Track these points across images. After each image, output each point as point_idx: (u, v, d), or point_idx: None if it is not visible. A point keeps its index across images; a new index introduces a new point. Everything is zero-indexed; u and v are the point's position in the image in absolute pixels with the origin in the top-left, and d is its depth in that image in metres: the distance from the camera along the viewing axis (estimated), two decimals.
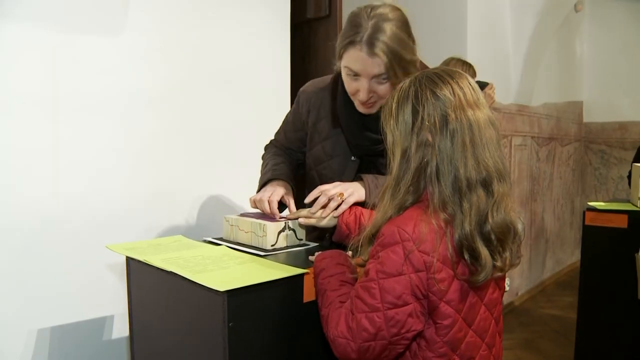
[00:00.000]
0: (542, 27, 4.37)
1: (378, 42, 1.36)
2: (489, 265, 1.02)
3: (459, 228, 1.02)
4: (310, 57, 2.79)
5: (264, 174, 1.67)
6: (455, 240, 1.03)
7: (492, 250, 1.05)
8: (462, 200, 1.04)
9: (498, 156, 1.07)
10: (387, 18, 1.38)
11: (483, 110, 1.09)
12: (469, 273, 1.04)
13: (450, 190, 1.04)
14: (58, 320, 1.75)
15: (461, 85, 1.08)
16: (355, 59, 1.40)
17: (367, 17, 1.38)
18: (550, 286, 5.23)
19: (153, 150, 1.98)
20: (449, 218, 1.04)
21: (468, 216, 1.03)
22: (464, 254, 1.03)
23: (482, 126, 1.06)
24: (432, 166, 1.06)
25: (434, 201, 1.05)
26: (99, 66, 1.82)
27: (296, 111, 1.72)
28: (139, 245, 1.52)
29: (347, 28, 1.42)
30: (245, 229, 1.56)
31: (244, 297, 1.16)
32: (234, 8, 2.25)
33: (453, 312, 1.04)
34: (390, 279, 1.01)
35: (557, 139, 5.41)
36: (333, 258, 1.25)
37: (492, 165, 1.05)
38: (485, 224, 1.04)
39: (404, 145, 1.09)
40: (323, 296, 1.19)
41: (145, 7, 1.94)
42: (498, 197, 1.05)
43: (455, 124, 1.04)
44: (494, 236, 1.04)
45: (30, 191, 1.67)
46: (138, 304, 1.49)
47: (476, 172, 1.04)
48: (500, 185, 1.06)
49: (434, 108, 1.06)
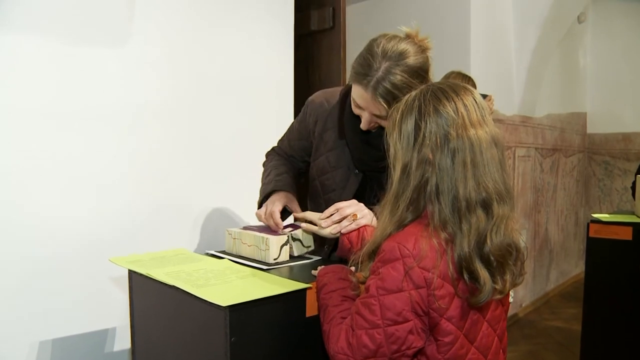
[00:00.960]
0: (545, 39, 4.37)
1: (383, 88, 1.33)
2: (489, 287, 1.01)
3: (458, 248, 1.02)
4: (314, 68, 2.80)
5: (266, 184, 1.67)
6: (455, 260, 1.02)
7: (492, 273, 1.04)
8: (461, 220, 1.03)
9: (499, 177, 1.06)
10: (404, 63, 1.32)
11: (486, 128, 1.07)
12: (469, 293, 1.03)
13: (450, 209, 1.03)
14: (61, 332, 1.74)
15: (466, 102, 1.08)
16: (359, 95, 1.40)
17: (382, 57, 1.33)
18: (555, 298, 5.20)
19: (158, 161, 1.98)
20: (449, 237, 1.04)
21: (467, 237, 1.02)
22: (464, 274, 1.02)
23: (484, 146, 1.05)
24: (431, 184, 1.05)
25: (434, 220, 1.04)
26: (104, 78, 1.83)
27: (303, 120, 1.72)
28: (142, 258, 1.52)
29: (360, 60, 1.38)
30: (248, 243, 1.56)
31: (246, 312, 1.15)
32: (239, 20, 2.26)
33: (454, 329, 1.03)
34: (391, 296, 1.01)
35: (561, 150, 5.40)
36: (335, 273, 1.24)
37: (492, 187, 1.04)
38: (484, 246, 1.02)
39: (404, 160, 1.08)
40: (325, 312, 1.18)
41: (150, 19, 1.96)
42: (498, 219, 1.04)
43: (457, 143, 1.04)
44: (493, 258, 1.03)
45: (35, 204, 1.68)
46: (140, 316, 1.49)
47: (476, 193, 1.03)
48: (500, 207, 1.05)
49: (437, 125, 1.05)
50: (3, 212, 1.61)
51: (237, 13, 2.26)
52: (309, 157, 1.72)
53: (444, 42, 3.68)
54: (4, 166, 1.62)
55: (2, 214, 1.61)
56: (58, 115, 1.72)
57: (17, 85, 1.64)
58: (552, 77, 5.00)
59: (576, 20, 5.18)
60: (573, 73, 5.73)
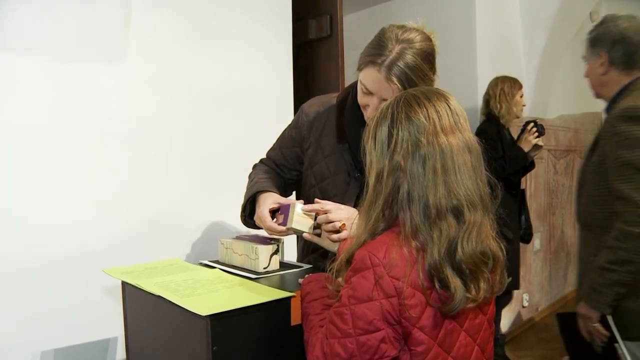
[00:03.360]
0: (555, 39, 4.33)
1: (398, 68, 1.37)
2: (460, 295, 1.01)
3: (429, 256, 1.02)
4: (313, 77, 2.82)
5: (249, 189, 1.66)
6: (425, 269, 1.02)
7: (465, 281, 1.03)
8: (432, 228, 1.03)
9: (472, 184, 1.06)
10: (414, 46, 1.39)
11: (459, 135, 1.08)
12: (440, 301, 1.03)
13: (421, 217, 1.03)
14: (62, 342, 1.77)
15: (438, 108, 1.08)
16: (371, 79, 1.42)
17: (395, 40, 1.39)
18: (572, 301, 5.10)
19: (155, 174, 2.01)
20: (420, 246, 1.04)
21: (437, 244, 1.02)
22: (435, 282, 1.02)
23: (455, 152, 1.05)
24: (403, 192, 1.05)
25: (405, 228, 1.05)
26: (100, 93, 1.87)
27: (296, 126, 1.72)
28: (135, 269, 1.55)
29: (373, 44, 1.43)
30: (239, 252, 1.58)
31: (229, 321, 1.17)
32: (236, 30, 2.29)
33: (427, 338, 1.03)
34: (361, 305, 1.01)
35: (576, 151, 5.33)
36: (319, 282, 1.26)
37: (464, 194, 1.04)
38: (455, 254, 1.02)
39: (378, 167, 1.09)
40: (306, 320, 1.20)
41: (146, 33, 1.99)
42: (469, 226, 1.04)
43: (427, 149, 1.04)
44: (465, 266, 1.03)
45: (33, 216, 1.71)
46: (134, 327, 1.51)
47: (446, 200, 1.03)
48: (471, 213, 1.04)
49: (408, 132, 1.06)
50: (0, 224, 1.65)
51: (234, 24, 2.28)
52: (301, 165, 1.72)
53: (450, 45, 3.66)
54: (1, 179, 1.66)
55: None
56: (54, 130, 1.76)
57: (13, 100, 1.68)
58: (564, 78, 4.94)
59: (587, 20, 5.11)
60: None
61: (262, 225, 1.52)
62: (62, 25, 1.77)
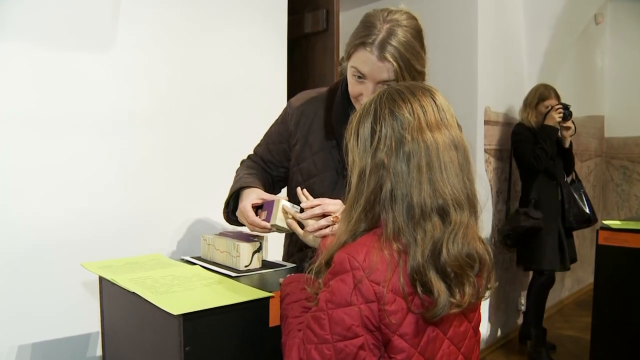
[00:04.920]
0: (559, 40, 4.27)
1: (390, 46, 1.33)
2: (444, 300, 0.96)
3: (412, 259, 0.97)
4: (308, 71, 2.77)
5: (232, 185, 1.61)
6: (407, 272, 0.97)
7: (449, 285, 0.98)
8: (415, 229, 0.98)
9: (458, 182, 1.01)
10: (402, 24, 1.35)
11: (446, 131, 1.03)
12: (422, 307, 0.98)
13: (405, 217, 0.98)
14: (41, 336, 1.73)
15: (423, 104, 1.03)
16: (364, 61, 1.37)
17: (382, 20, 1.36)
18: (569, 306, 5.07)
19: (143, 167, 1.97)
20: (403, 248, 0.98)
21: (421, 246, 0.97)
22: (417, 286, 0.97)
23: (441, 149, 1.00)
24: (386, 190, 1.00)
25: (387, 230, 1.00)
26: (89, 84, 1.82)
27: (284, 121, 1.67)
28: (114, 263, 1.50)
29: (360, 28, 1.39)
30: (221, 249, 1.53)
31: (202, 321, 1.13)
32: (230, 23, 2.24)
33: (407, 346, 0.98)
34: (339, 310, 0.96)
35: (577, 154, 5.25)
36: (299, 283, 1.21)
37: (450, 193, 0.99)
38: (440, 256, 0.97)
39: (360, 166, 1.04)
40: (285, 322, 1.15)
41: (137, 23, 1.94)
42: (455, 227, 0.99)
43: (411, 146, 0.99)
44: (450, 269, 0.98)
45: (19, 209, 1.67)
46: (110, 323, 1.47)
47: (431, 200, 0.98)
48: (457, 214, 0.99)
49: (392, 128, 1.01)
50: None
51: (227, 16, 2.23)
52: (288, 162, 1.67)
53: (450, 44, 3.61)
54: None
55: None
56: (42, 121, 1.71)
57: (1, 91, 1.64)
58: (567, 80, 4.88)
59: (592, 21, 5.06)
60: (590, 75, 5.59)
61: (244, 220, 1.47)
62: (50, 13, 1.73)
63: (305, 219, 1.34)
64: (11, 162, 1.67)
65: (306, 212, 1.34)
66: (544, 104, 3.58)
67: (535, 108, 3.61)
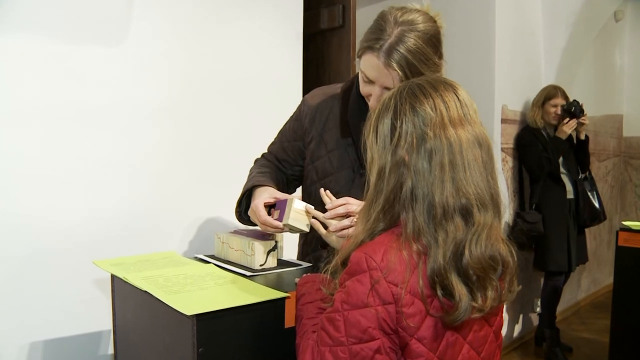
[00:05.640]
0: (577, 38, 4.20)
1: (397, 53, 1.27)
2: (465, 304, 0.91)
3: (432, 261, 0.92)
4: (324, 68, 2.73)
5: (245, 184, 1.57)
6: (427, 274, 0.93)
7: (471, 289, 0.94)
8: (437, 229, 0.93)
9: (482, 181, 0.96)
10: (416, 28, 1.28)
11: (469, 128, 0.98)
12: (442, 311, 0.94)
13: (425, 217, 0.94)
14: (52, 334, 1.72)
15: (446, 99, 0.99)
16: (370, 66, 1.32)
17: (394, 22, 1.29)
18: (585, 307, 5.00)
19: (154, 163, 1.95)
20: (423, 249, 0.94)
21: (442, 248, 0.92)
22: (437, 289, 0.92)
23: (464, 146, 0.95)
24: (406, 189, 0.96)
25: (407, 230, 0.95)
26: (100, 77, 1.81)
27: (298, 119, 1.63)
28: (126, 261, 1.48)
29: (371, 29, 1.34)
30: (235, 247, 1.50)
31: (217, 322, 1.10)
32: (245, 18, 2.21)
33: (426, 350, 0.93)
34: (355, 311, 0.93)
35: (594, 154, 5.18)
36: (315, 283, 1.17)
37: (473, 192, 0.94)
38: (462, 258, 0.93)
39: (380, 163, 1.00)
40: (299, 324, 1.12)
41: (150, 16, 1.92)
42: (478, 228, 0.94)
43: (434, 143, 0.95)
44: (472, 272, 0.93)
45: (26, 204, 1.66)
46: (122, 321, 1.45)
47: (454, 199, 0.93)
48: (481, 214, 0.95)
49: (413, 125, 0.97)
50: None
51: (243, 11, 2.21)
52: (303, 160, 1.63)
53: (467, 42, 3.56)
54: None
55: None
56: (52, 113, 1.70)
57: (10, 84, 1.62)
58: (585, 78, 4.80)
59: (612, 18, 4.97)
60: (608, 73, 5.50)
61: (256, 220, 1.43)
62: (63, 7, 1.72)
63: (329, 219, 1.30)
64: (23, 159, 1.65)
65: (329, 212, 1.30)
66: (550, 103, 3.61)
67: (542, 107, 3.65)
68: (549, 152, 3.51)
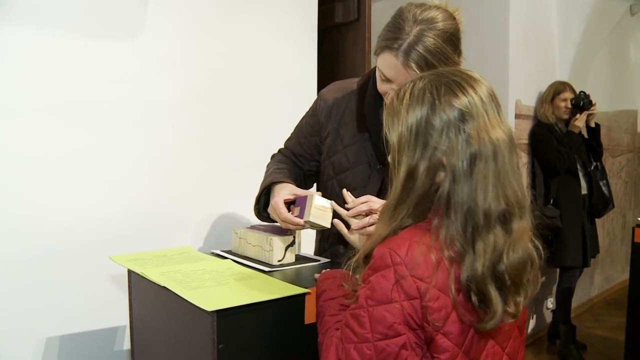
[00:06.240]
0: (592, 33, 4.15)
1: (416, 53, 1.24)
2: (500, 312, 0.89)
3: (469, 269, 0.89)
4: (339, 62, 2.71)
5: (263, 180, 1.56)
6: (461, 281, 0.90)
7: (505, 294, 0.91)
8: (476, 238, 0.90)
9: (516, 183, 0.93)
10: (435, 27, 1.26)
11: (503, 127, 0.95)
12: (476, 318, 0.91)
13: (462, 225, 0.90)
14: (68, 329, 1.71)
15: (481, 95, 0.94)
16: (388, 65, 1.30)
17: (412, 21, 1.26)
18: (598, 304, 4.95)
19: (168, 158, 1.94)
20: (455, 256, 0.91)
21: (482, 257, 0.89)
22: (472, 297, 0.90)
23: (503, 149, 0.91)
24: (442, 193, 0.92)
25: (439, 235, 0.92)
26: (115, 72, 1.79)
27: (314, 114, 1.61)
28: (143, 256, 1.47)
29: (390, 27, 1.31)
30: (253, 243, 1.49)
31: (237, 318, 1.09)
32: (258, 12, 2.19)
33: (452, 345, 0.91)
34: (380, 307, 0.91)
35: (608, 150, 5.12)
36: (336, 279, 1.15)
37: (512, 197, 0.91)
38: (499, 265, 0.90)
39: (411, 163, 0.95)
40: (321, 321, 1.10)
41: (165, 11, 1.91)
42: (517, 235, 0.92)
43: (477, 146, 0.90)
44: (507, 277, 0.91)
45: (42, 199, 1.65)
46: (138, 317, 1.44)
47: (495, 205, 0.90)
48: (519, 219, 0.92)
49: (453, 125, 0.92)
50: (8, 207, 1.59)
51: (258, 6, 2.19)
52: (320, 155, 1.61)
53: (481, 36, 3.52)
54: (11, 160, 1.59)
55: (7, 208, 1.59)
56: (66, 109, 1.69)
57: (23, 78, 1.61)
58: (599, 73, 4.74)
59: (627, 13, 4.91)
60: (623, 68, 5.43)
61: (277, 217, 1.42)
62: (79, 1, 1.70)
63: (351, 217, 1.29)
64: (40, 154, 1.65)
65: (352, 210, 1.29)
66: (560, 97, 3.62)
67: (552, 102, 3.66)
68: (565, 147, 3.50)
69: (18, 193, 1.61)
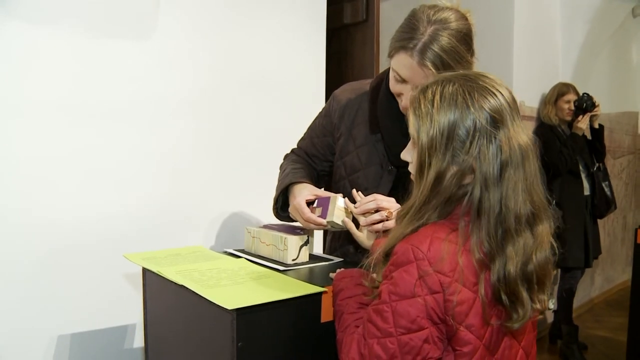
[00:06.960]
0: (595, 35, 4.17)
1: (432, 52, 1.25)
2: (529, 311, 0.93)
3: (501, 270, 0.92)
4: (347, 63, 2.71)
5: (281, 180, 1.57)
6: (492, 283, 0.92)
7: (532, 293, 0.94)
8: (506, 241, 0.92)
9: (538, 186, 0.96)
10: (449, 27, 1.27)
11: (526, 130, 0.97)
12: (505, 319, 0.94)
13: (493, 229, 0.92)
14: (79, 327, 1.72)
15: (508, 100, 0.96)
16: (404, 65, 1.31)
17: (427, 21, 1.27)
18: (599, 305, 4.98)
19: (179, 157, 1.94)
20: (485, 259, 0.93)
21: (513, 259, 0.92)
22: (502, 297, 0.92)
23: (530, 154, 0.94)
24: (474, 200, 0.94)
25: (469, 238, 0.94)
26: (125, 71, 1.80)
27: (327, 114, 1.62)
28: (157, 255, 1.48)
29: (404, 28, 1.32)
30: (267, 242, 1.50)
31: (255, 316, 1.09)
32: (268, 13, 2.20)
33: (474, 338, 0.93)
34: (404, 302, 0.92)
35: (609, 151, 5.14)
36: (353, 278, 1.16)
37: (537, 200, 0.94)
38: (528, 266, 0.93)
39: (439, 166, 0.95)
40: (340, 319, 1.11)
41: (176, 11, 1.91)
42: (541, 237, 0.95)
43: (509, 152, 0.92)
44: (535, 276, 0.94)
45: (52, 200, 1.65)
46: (153, 315, 1.45)
47: (524, 210, 0.93)
48: (545, 221, 0.95)
49: (485, 130, 0.93)
50: (19, 205, 1.59)
51: (266, 6, 2.19)
52: (333, 156, 1.63)
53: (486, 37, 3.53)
54: (22, 159, 1.60)
55: (21, 208, 1.59)
56: (77, 109, 1.69)
57: (34, 77, 1.61)
58: (602, 74, 4.76)
59: (629, 15, 4.93)
60: (625, 70, 5.45)
61: (299, 217, 1.43)
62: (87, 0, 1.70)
63: (359, 214, 1.31)
64: (51, 152, 1.65)
65: (360, 208, 1.31)
66: (564, 99, 3.64)
67: (555, 104, 3.69)
68: (568, 149, 3.53)
69: (29, 192, 1.61)
